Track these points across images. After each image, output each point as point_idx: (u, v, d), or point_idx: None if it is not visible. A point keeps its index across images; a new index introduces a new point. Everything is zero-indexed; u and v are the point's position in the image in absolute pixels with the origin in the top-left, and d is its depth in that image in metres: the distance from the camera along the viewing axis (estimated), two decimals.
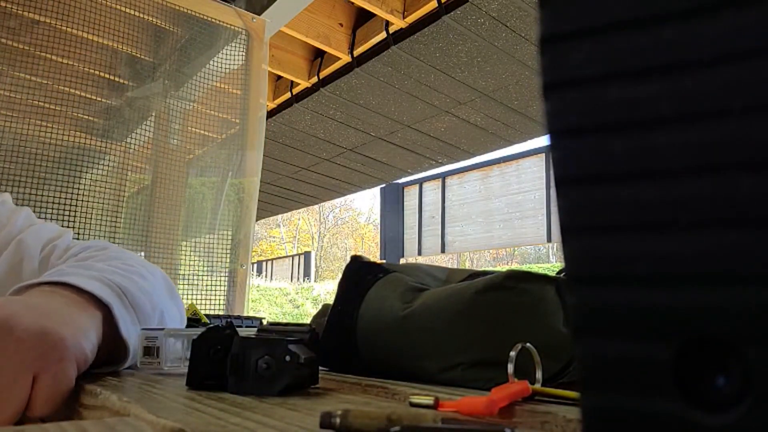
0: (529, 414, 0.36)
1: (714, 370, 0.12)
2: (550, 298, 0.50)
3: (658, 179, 0.12)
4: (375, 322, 0.57)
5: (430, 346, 0.53)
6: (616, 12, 0.13)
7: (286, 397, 0.42)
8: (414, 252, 8.80)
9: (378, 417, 0.28)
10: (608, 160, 0.13)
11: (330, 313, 0.63)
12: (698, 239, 0.12)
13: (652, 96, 0.13)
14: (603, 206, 0.13)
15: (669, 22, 0.13)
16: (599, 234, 0.13)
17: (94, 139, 1.84)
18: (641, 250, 0.12)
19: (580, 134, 0.13)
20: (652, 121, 0.13)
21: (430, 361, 0.52)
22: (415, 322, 0.54)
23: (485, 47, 2.82)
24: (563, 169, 0.14)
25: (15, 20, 1.71)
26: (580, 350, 0.13)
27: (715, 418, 0.12)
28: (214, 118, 2.08)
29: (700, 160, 0.12)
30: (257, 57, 2.12)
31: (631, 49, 0.13)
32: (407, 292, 0.58)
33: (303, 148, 4.19)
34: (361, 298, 0.60)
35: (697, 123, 0.12)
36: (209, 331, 0.46)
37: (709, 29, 0.12)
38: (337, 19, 2.94)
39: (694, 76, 0.12)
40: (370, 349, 0.57)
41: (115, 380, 0.50)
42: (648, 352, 0.12)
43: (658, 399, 0.12)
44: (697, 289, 0.12)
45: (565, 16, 0.14)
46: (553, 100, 0.14)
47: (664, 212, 0.12)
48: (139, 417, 0.34)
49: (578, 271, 0.13)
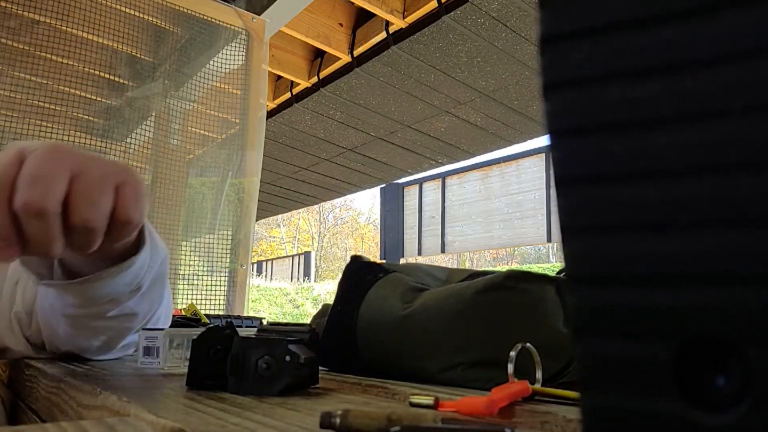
0: (529, 414, 0.36)
1: (714, 370, 0.12)
2: (550, 298, 0.50)
3: (658, 179, 0.12)
4: (375, 322, 0.57)
5: (430, 346, 0.53)
6: (616, 12, 0.13)
7: (286, 397, 0.42)
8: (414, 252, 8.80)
9: (378, 417, 0.28)
10: (608, 160, 0.13)
11: (330, 313, 0.63)
12: (698, 239, 0.12)
13: (652, 96, 0.13)
14: (603, 206, 0.13)
15: (669, 22, 0.13)
16: (599, 234, 0.13)
17: (94, 139, 1.84)
18: (641, 250, 0.12)
19: (580, 134, 0.13)
20: (652, 121, 0.13)
21: (429, 361, 0.52)
22: (415, 322, 0.54)
23: (485, 47, 2.82)
24: (563, 169, 0.14)
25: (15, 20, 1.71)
26: (580, 350, 0.13)
27: (715, 418, 0.12)
28: (214, 118, 2.08)
29: (700, 160, 0.12)
30: (257, 57, 2.12)
31: (631, 49, 0.13)
32: (407, 292, 0.58)
33: (303, 148, 4.19)
34: (361, 298, 0.60)
35: (697, 123, 0.12)
36: (209, 331, 0.46)
37: (709, 29, 0.12)
38: (337, 19, 2.94)
39: (694, 76, 0.12)
40: (370, 349, 0.57)
41: (115, 380, 0.50)
42: (648, 352, 0.12)
43: (658, 399, 0.12)
44: (697, 289, 0.12)
45: (565, 16, 0.14)
46: (553, 100, 0.14)
47: (664, 212, 0.12)
48: (139, 417, 0.34)
49: (578, 271, 0.13)
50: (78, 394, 0.46)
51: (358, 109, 3.50)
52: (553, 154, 0.14)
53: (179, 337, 0.58)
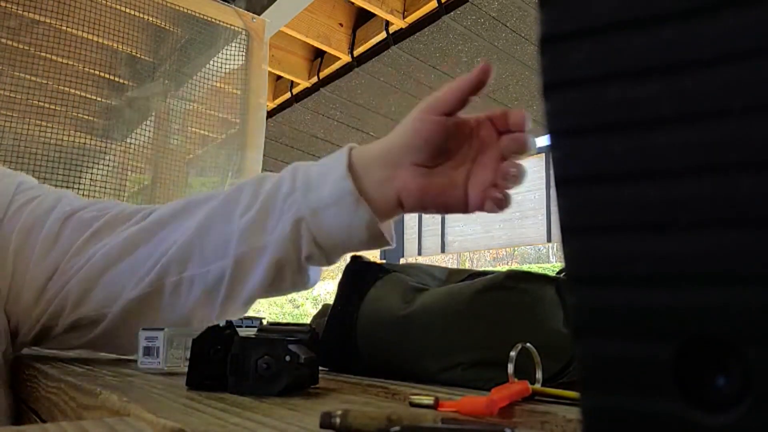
0: (529, 414, 0.36)
1: (714, 370, 0.12)
2: (549, 298, 0.50)
3: (658, 179, 0.12)
4: (375, 322, 0.57)
5: (430, 346, 0.53)
6: (615, 12, 0.13)
7: (286, 397, 0.42)
8: (414, 252, 8.80)
9: (378, 417, 0.28)
10: (608, 160, 0.13)
11: (330, 313, 0.63)
12: (698, 239, 0.12)
13: (652, 96, 0.13)
14: (603, 206, 0.13)
15: (669, 22, 0.13)
16: (599, 234, 0.13)
17: (94, 139, 1.84)
18: (641, 250, 0.12)
19: (580, 134, 0.13)
20: (652, 121, 0.13)
21: (430, 361, 0.52)
22: (415, 322, 0.54)
23: (485, 47, 2.82)
24: (564, 169, 0.14)
25: (15, 20, 1.71)
26: (580, 350, 0.13)
27: (715, 418, 0.12)
28: (214, 118, 2.08)
29: (700, 160, 0.12)
30: (257, 57, 2.12)
31: (631, 49, 0.13)
32: (407, 292, 0.58)
33: (303, 148, 4.19)
34: (361, 298, 0.60)
35: (697, 123, 0.12)
36: (209, 331, 0.46)
37: (708, 29, 0.12)
38: (337, 19, 2.94)
39: (694, 76, 0.12)
40: (370, 348, 0.57)
41: (115, 380, 0.50)
42: (648, 352, 0.12)
43: (658, 399, 0.12)
44: (697, 289, 0.12)
45: (565, 17, 0.14)
46: (553, 100, 0.14)
47: (664, 212, 0.12)
48: (139, 417, 0.34)
49: (578, 271, 0.13)
50: (78, 394, 0.46)
51: (358, 109, 3.50)
52: (553, 154, 0.14)
53: (179, 337, 0.58)
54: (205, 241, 0.62)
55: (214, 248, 0.62)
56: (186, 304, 0.64)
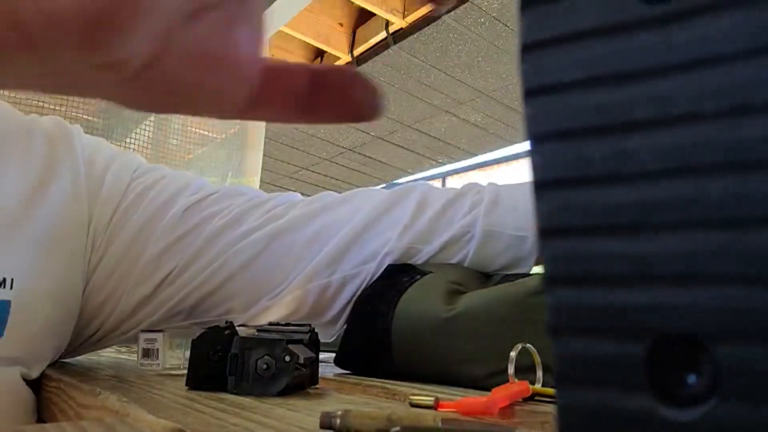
0: (529, 414, 0.36)
1: (685, 367, 0.12)
2: None
3: (632, 182, 0.13)
4: (414, 324, 0.56)
5: (478, 351, 0.51)
6: (594, 18, 0.14)
7: (286, 397, 0.42)
8: None
9: (378, 417, 0.28)
10: (585, 164, 0.13)
11: (355, 313, 0.62)
12: (670, 240, 0.12)
13: (627, 100, 0.13)
14: (580, 209, 0.13)
15: (645, 28, 0.13)
16: (576, 236, 0.13)
17: None
18: (616, 251, 0.13)
19: (558, 139, 0.14)
20: (628, 126, 0.13)
21: (476, 366, 0.51)
22: (461, 325, 0.53)
23: (485, 47, 2.82)
24: (542, 174, 0.14)
25: None
26: (556, 349, 0.14)
27: (684, 414, 0.12)
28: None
29: (673, 163, 0.12)
30: None
31: (608, 54, 0.13)
32: (449, 294, 0.57)
33: (303, 148, 4.20)
34: (397, 298, 0.58)
35: (671, 127, 0.12)
36: (209, 331, 0.46)
37: (684, 34, 0.13)
38: (337, 18, 2.94)
39: (668, 81, 0.13)
40: (405, 351, 0.56)
41: (115, 380, 0.51)
42: (622, 350, 0.13)
43: (630, 395, 0.12)
44: (669, 289, 0.12)
45: (543, 25, 0.14)
46: (532, 106, 0.14)
47: (638, 214, 0.13)
48: (138, 417, 0.34)
49: (555, 272, 0.14)
50: (78, 394, 0.46)
51: None
52: (532, 158, 0.14)
53: (179, 338, 0.58)
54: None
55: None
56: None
